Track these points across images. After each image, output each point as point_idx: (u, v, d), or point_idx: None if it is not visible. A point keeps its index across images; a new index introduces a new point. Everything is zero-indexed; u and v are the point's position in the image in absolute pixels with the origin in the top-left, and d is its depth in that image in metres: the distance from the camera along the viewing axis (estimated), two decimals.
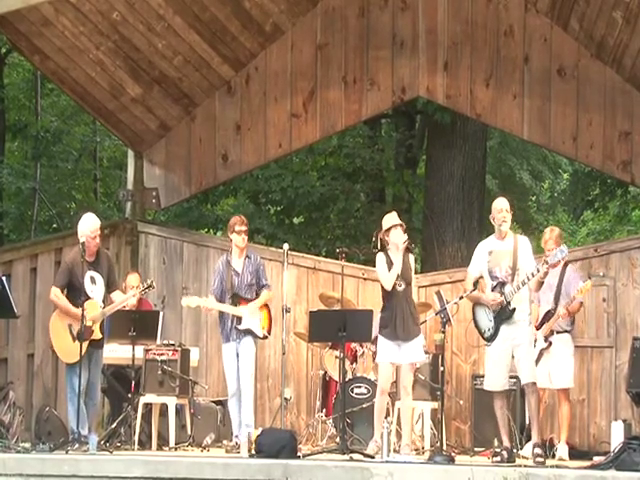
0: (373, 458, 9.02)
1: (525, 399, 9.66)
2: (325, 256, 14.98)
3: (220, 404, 11.24)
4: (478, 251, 9.44)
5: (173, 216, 18.14)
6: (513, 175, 19.79)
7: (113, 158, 21.12)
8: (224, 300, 10.11)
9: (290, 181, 16.67)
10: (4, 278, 9.91)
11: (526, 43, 11.81)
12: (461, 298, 9.46)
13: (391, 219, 9.78)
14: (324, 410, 11.34)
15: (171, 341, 10.64)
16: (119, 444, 9.92)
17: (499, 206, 9.32)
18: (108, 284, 9.97)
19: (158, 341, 10.44)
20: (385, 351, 9.62)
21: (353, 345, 11.32)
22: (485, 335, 9.32)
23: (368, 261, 13.80)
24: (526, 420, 10.36)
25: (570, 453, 10.06)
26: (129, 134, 12.32)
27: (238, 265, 10.18)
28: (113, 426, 10.22)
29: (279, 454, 8.64)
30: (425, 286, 12.15)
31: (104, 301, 9.94)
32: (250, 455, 9.00)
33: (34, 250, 12.18)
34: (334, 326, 9.50)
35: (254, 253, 10.39)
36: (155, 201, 12.47)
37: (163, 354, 10.38)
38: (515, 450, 9.49)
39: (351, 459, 8.80)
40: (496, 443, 9.95)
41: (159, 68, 11.69)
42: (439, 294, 10.30)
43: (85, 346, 9.51)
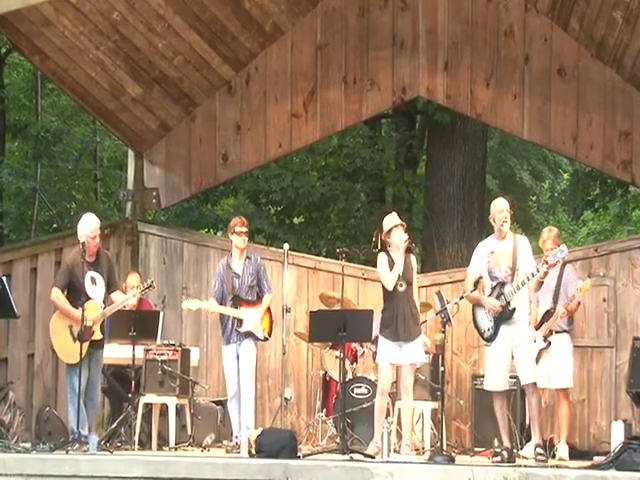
0: (373, 458, 9.02)
1: (525, 399, 9.66)
2: (325, 256, 14.97)
3: (220, 404, 11.23)
4: (478, 251, 9.44)
5: (173, 216, 18.13)
6: (513, 175, 19.79)
7: (113, 158, 21.11)
8: (225, 302, 10.10)
9: (290, 181, 16.65)
10: (4, 278, 9.90)
11: (526, 43, 11.81)
12: (461, 298, 9.46)
13: (392, 220, 9.77)
14: (324, 410, 11.34)
15: (171, 341, 10.64)
16: (119, 444, 9.91)
17: (499, 206, 9.31)
18: (108, 284, 9.97)
19: (158, 341, 10.44)
20: (386, 352, 9.62)
21: (353, 345, 11.32)
22: (485, 335, 9.31)
23: (368, 261, 13.79)
24: (526, 420, 10.36)
25: (570, 453, 10.06)
26: (129, 134, 12.32)
27: (238, 267, 10.16)
28: (113, 426, 10.21)
29: (279, 454, 8.65)
30: (425, 286, 12.13)
31: (104, 301, 9.94)
32: (250, 455, 9.01)
33: (34, 250, 12.18)
34: (334, 326, 9.50)
35: (254, 254, 10.37)
36: (155, 201, 12.47)
37: (163, 354, 10.38)
38: (515, 450, 9.47)
39: (351, 459, 8.80)
40: (496, 443, 9.94)
41: (159, 68, 11.69)
42: (439, 294, 10.30)
43: (85, 347, 9.53)
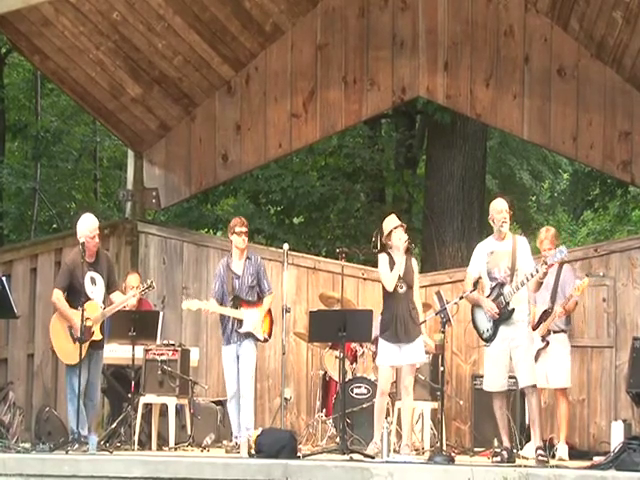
0: (373, 458, 9.01)
1: (525, 400, 9.65)
2: (325, 256, 14.98)
3: (220, 404, 11.23)
4: (477, 252, 9.44)
5: (173, 216, 18.13)
6: (513, 175, 19.79)
7: (113, 158, 21.11)
8: (225, 303, 10.07)
9: (290, 181, 16.65)
10: (4, 278, 9.91)
11: (526, 43, 11.81)
12: (461, 298, 9.46)
13: (391, 222, 9.77)
14: (324, 410, 11.34)
15: (171, 341, 10.63)
16: (119, 444, 9.92)
17: (499, 207, 9.31)
18: (108, 285, 9.97)
19: (158, 341, 10.44)
20: (386, 354, 9.62)
21: (353, 345, 11.32)
22: (484, 336, 9.31)
23: (368, 261, 13.80)
24: (526, 420, 10.36)
25: (570, 453, 10.06)
26: (129, 134, 12.32)
27: (238, 267, 10.14)
28: (113, 426, 10.22)
29: (279, 454, 8.64)
30: (425, 286, 12.12)
31: (104, 302, 9.94)
32: (250, 455, 9.01)
33: (34, 250, 12.18)
34: (334, 326, 9.49)
35: (254, 254, 10.35)
36: (155, 201, 12.47)
37: (163, 354, 10.38)
38: (515, 450, 9.48)
39: (351, 459, 8.79)
40: (496, 443, 9.93)
41: (159, 68, 11.69)
42: (439, 294, 10.30)
43: (85, 347, 9.53)
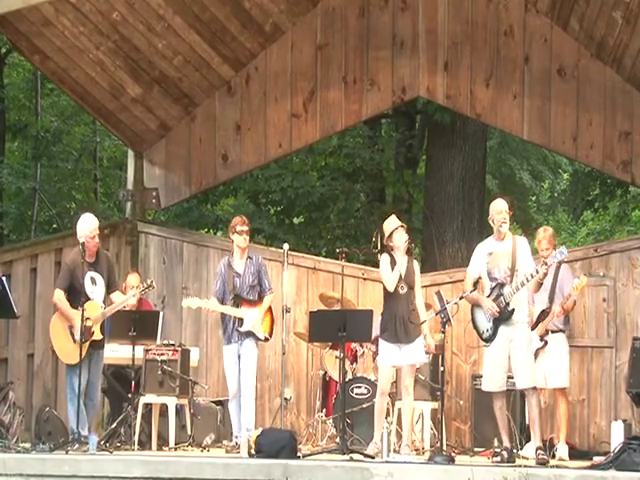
0: (373, 458, 9.01)
1: (525, 401, 9.65)
2: (325, 256, 14.97)
3: (220, 404, 11.24)
4: (477, 252, 9.43)
5: (173, 216, 18.12)
6: (513, 175, 19.78)
7: (113, 158, 21.10)
8: (226, 302, 10.06)
9: (290, 181, 16.64)
10: (4, 278, 9.92)
11: (526, 43, 11.81)
12: (461, 298, 9.46)
13: (392, 223, 9.77)
14: (324, 410, 11.33)
15: (171, 341, 10.63)
16: (119, 444, 9.91)
17: (498, 207, 9.31)
18: (108, 285, 9.97)
19: (158, 341, 10.43)
20: (386, 354, 9.63)
21: (353, 345, 11.32)
22: (484, 336, 9.31)
23: (368, 261, 13.81)
24: (526, 420, 10.35)
25: (570, 453, 10.05)
26: (129, 134, 12.32)
27: (240, 266, 10.13)
28: (113, 426, 10.21)
29: (279, 454, 8.64)
30: (425, 286, 12.08)
31: (104, 302, 9.94)
32: (250, 455, 9.01)
33: (34, 250, 12.18)
34: (334, 326, 9.49)
35: (256, 254, 10.34)
36: (155, 201, 12.47)
37: (163, 354, 10.38)
38: (515, 450, 9.48)
39: (351, 459, 8.79)
40: (496, 443, 9.93)
41: (159, 68, 11.69)
42: (439, 294, 10.32)
43: (85, 347, 9.53)
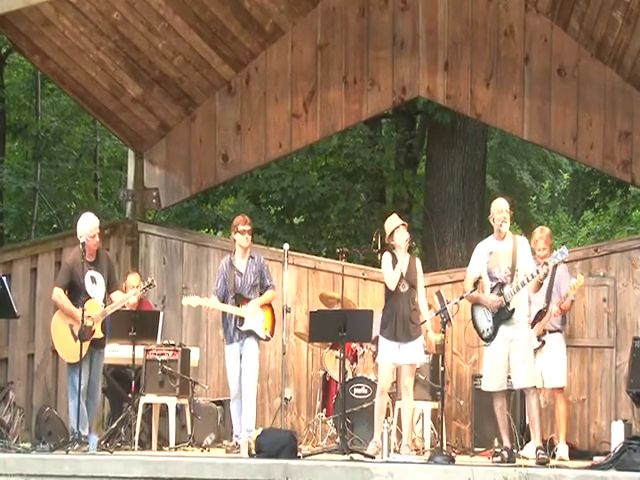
0: (373, 458, 9.02)
1: (525, 401, 9.65)
2: (325, 256, 14.97)
3: (220, 404, 11.24)
4: (477, 252, 9.44)
5: (173, 216, 18.12)
6: (513, 175, 19.78)
7: (113, 158, 21.10)
8: (227, 301, 10.05)
9: (290, 181, 16.64)
10: (4, 278, 9.92)
11: (526, 43, 11.81)
12: (461, 298, 9.46)
13: (393, 221, 9.77)
14: (324, 410, 11.33)
15: (171, 341, 10.63)
16: (119, 444, 9.90)
17: (499, 207, 9.31)
18: (108, 284, 9.97)
19: (158, 341, 10.43)
20: (385, 351, 9.63)
21: (353, 345, 11.31)
22: (484, 335, 9.31)
23: (368, 261, 13.81)
24: (526, 420, 10.35)
25: (570, 453, 10.06)
26: (129, 134, 12.32)
27: (241, 265, 10.11)
28: (113, 426, 10.20)
29: (279, 454, 8.65)
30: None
31: (104, 301, 9.94)
32: (250, 455, 9.01)
33: (34, 250, 12.18)
34: (334, 326, 9.49)
35: (258, 254, 10.31)
36: (155, 201, 12.47)
37: (163, 354, 10.37)
38: (515, 450, 9.48)
39: (351, 459, 8.79)
40: (496, 443, 9.94)
41: (159, 68, 11.69)
42: (439, 294, 10.31)
43: (87, 346, 9.54)
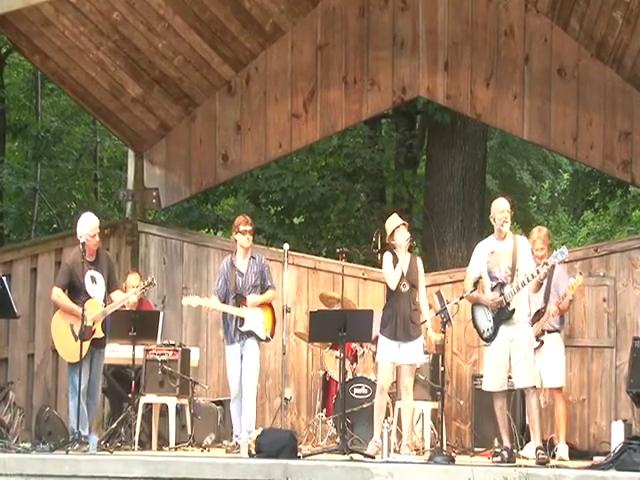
0: (373, 458, 9.02)
1: (525, 401, 9.65)
2: (325, 256, 14.97)
3: (220, 404, 11.24)
4: (477, 251, 9.44)
5: (173, 216, 18.12)
6: (513, 175, 19.78)
7: (113, 158, 21.11)
8: (227, 301, 10.04)
9: (290, 181, 16.65)
10: (4, 278, 9.92)
11: (526, 43, 11.81)
12: (461, 298, 9.46)
13: (394, 221, 9.77)
14: (324, 410, 11.33)
15: (171, 341, 10.63)
16: (119, 444, 9.90)
17: (500, 206, 9.31)
18: (108, 284, 9.97)
19: (158, 341, 10.43)
20: (385, 350, 9.63)
21: (353, 345, 11.31)
22: (484, 335, 9.31)
23: (368, 261, 13.81)
24: (526, 420, 10.35)
25: (570, 453, 10.06)
26: (129, 134, 12.32)
27: (242, 265, 10.09)
28: (113, 426, 10.20)
29: (279, 454, 8.64)
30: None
31: (104, 301, 9.94)
32: (250, 455, 9.01)
33: (34, 250, 12.18)
34: (334, 326, 9.50)
35: (259, 254, 10.31)
36: (155, 201, 12.47)
37: (163, 354, 10.37)
38: (515, 450, 9.47)
39: (351, 459, 8.79)
40: (496, 443, 9.94)
41: (159, 68, 11.69)
42: (439, 294, 10.31)
43: (87, 346, 9.54)
